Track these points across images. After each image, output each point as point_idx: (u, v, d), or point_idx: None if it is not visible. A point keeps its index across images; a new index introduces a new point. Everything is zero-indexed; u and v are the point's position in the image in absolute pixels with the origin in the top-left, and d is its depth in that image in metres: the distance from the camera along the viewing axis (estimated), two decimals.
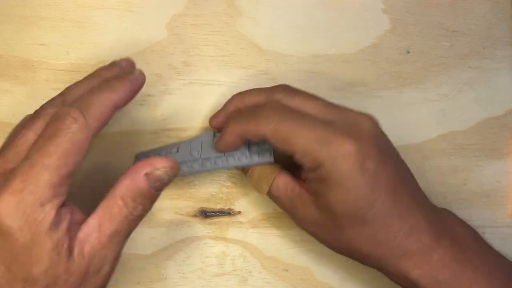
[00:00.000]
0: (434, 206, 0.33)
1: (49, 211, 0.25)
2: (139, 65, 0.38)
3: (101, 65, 0.37)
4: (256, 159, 0.33)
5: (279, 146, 0.30)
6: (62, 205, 0.26)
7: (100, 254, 0.27)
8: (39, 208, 0.24)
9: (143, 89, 0.38)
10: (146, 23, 0.38)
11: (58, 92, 0.37)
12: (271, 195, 0.33)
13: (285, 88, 0.33)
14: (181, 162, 0.34)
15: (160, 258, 0.38)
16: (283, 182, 0.32)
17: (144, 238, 0.38)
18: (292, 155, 0.30)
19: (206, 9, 0.38)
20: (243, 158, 0.33)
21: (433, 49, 0.40)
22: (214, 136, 0.35)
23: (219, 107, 0.38)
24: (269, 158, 0.33)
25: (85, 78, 0.32)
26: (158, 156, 0.28)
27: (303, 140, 0.29)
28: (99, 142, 0.37)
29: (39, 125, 0.28)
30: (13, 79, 0.37)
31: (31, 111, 0.37)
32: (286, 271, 0.38)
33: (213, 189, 0.38)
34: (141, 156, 0.36)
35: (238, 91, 0.38)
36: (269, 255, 0.38)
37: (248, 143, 0.34)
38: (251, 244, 0.38)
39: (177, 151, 0.35)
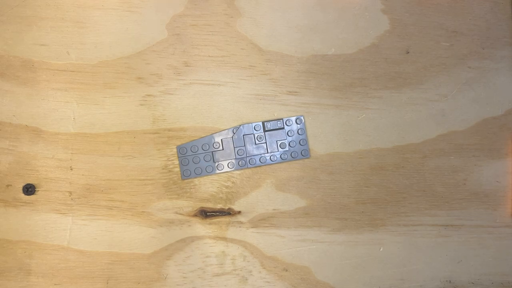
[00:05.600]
0: None
1: None
2: (139, 66, 0.38)
3: (101, 65, 0.38)
4: (296, 156, 0.39)
5: None
6: None
7: None
8: None
9: (143, 89, 0.38)
10: (146, 24, 0.38)
11: (59, 92, 0.38)
12: None
13: None
14: (228, 160, 0.38)
15: (160, 258, 0.38)
16: None
17: (144, 238, 0.38)
18: None
19: (206, 9, 0.38)
20: (284, 156, 0.39)
21: (433, 49, 0.40)
22: (255, 129, 0.38)
23: (219, 107, 0.38)
24: (307, 155, 0.38)
25: None
26: None
27: None
28: (99, 142, 0.38)
29: None
30: (13, 79, 0.37)
31: (32, 111, 0.37)
32: (286, 270, 0.38)
33: (213, 189, 0.38)
34: (182, 149, 0.38)
35: (238, 91, 0.38)
36: (268, 254, 0.38)
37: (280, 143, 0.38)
38: (251, 244, 0.38)
39: (222, 148, 0.38)
